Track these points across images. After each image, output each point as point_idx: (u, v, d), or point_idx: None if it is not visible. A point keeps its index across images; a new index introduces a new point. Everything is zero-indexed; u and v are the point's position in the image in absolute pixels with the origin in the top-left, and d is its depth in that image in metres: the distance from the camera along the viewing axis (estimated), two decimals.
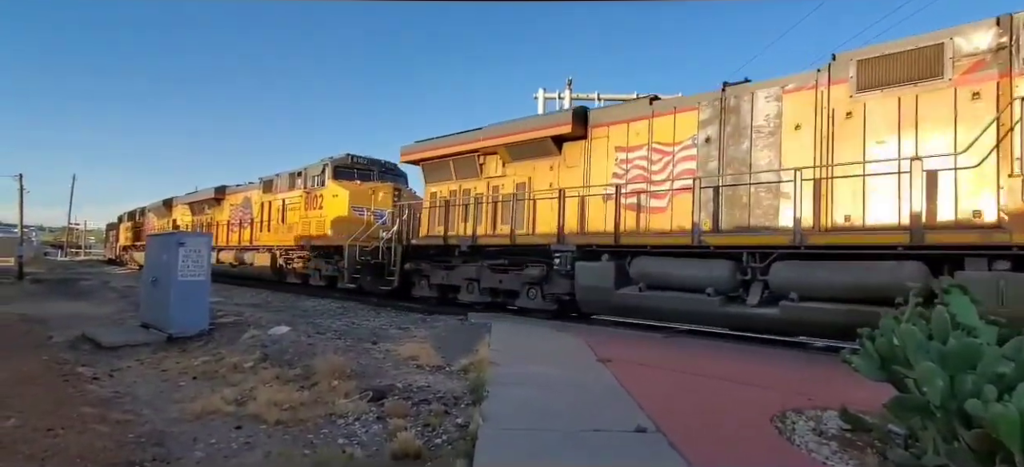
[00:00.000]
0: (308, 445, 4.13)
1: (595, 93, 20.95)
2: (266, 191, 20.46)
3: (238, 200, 22.96)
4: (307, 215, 17.69)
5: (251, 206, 21.57)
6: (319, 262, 17.05)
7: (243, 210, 22.26)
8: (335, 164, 17.08)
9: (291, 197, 18.81)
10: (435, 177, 13.89)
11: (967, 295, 3.42)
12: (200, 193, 26.73)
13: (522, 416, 4.10)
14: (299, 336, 8.23)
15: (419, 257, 13.60)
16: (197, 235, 14.41)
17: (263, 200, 20.51)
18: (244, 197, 22.42)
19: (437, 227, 13.45)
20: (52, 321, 11.07)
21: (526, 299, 11.22)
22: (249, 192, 22.06)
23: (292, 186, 18.95)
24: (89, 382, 6.25)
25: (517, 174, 11.87)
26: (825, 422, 4.06)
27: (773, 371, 6.07)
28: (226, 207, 24.00)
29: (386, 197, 16.56)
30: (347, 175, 17.00)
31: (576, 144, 10.81)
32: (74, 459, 3.66)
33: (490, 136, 12.23)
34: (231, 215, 23.32)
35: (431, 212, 13.89)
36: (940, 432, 3.05)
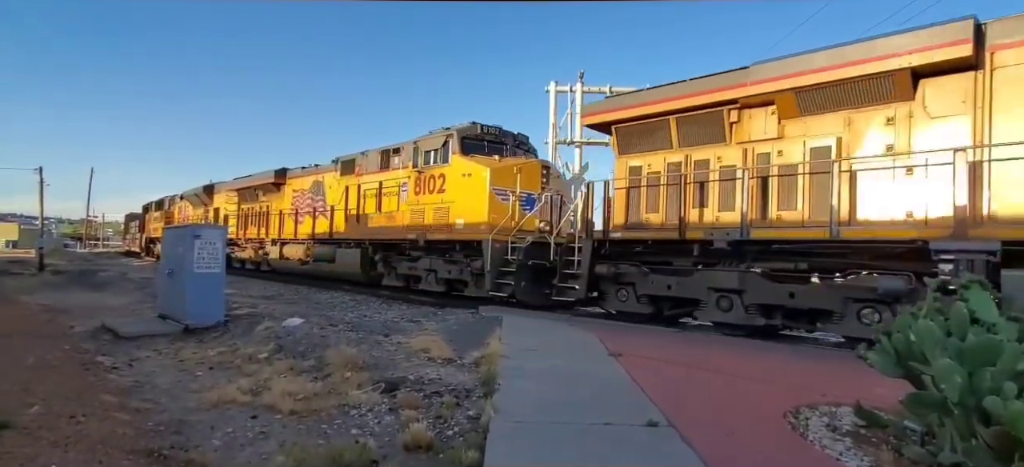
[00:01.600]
0: (322, 435, 4.19)
1: (608, 85, 20.81)
2: (346, 173, 16.73)
3: (305, 185, 19.25)
4: (419, 201, 13.70)
5: (323, 192, 17.90)
6: (434, 261, 13.36)
7: (312, 197, 18.56)
8: (462, 134, 12.93)
9: (390, 179, 14.89)
10: (638, 145, 10.09)
11: (987, 290, 3.36)
12: (254, 177, 22.90)
13: (533, 409, 4.12)
14: (312, 328, 8.32)
15: (617, 256, 9.87)
16: (212, 228, 14.15)
17: (345, 184, 16.63)
18: (314, 181, 18.67)
19: (646, 214, 9.81)
20: (73, 311, 11.31)
21: (857, 325, 7.14)
22: (321, 175, 18.32)
23: (385, 165, 15.19)
24: (109, 371, 6.38)
25: (813, 132, 8.10)
26: (839, 418, 4.03)
27: (787, 367, 6.03)
28: (287, 194, 20.25)
29: (532, 177, 12.45)
30: (476, 148, 12.90)
31: (957, 79, 6.98)
32: (96, 445, 3.75)
33: (762, 79, 8.38)
34: (295, 203, 19.54)
35: (632, 194, 10.04)
36: (957, 429, 3.02)
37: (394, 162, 14.97)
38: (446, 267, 13.04)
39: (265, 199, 22.05)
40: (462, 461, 3.37)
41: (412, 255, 14.15)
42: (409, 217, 13.99)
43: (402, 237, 14.11)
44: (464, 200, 12.43)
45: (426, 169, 13.60)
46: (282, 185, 20.70)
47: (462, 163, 12.67)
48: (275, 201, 21.15)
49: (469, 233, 12.17)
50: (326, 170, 18.11)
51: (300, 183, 19.69)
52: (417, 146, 13.96)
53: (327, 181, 17.86)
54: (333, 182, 17.44)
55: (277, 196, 21.05)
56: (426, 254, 13.64)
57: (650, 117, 9.81)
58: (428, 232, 13.27)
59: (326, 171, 18.09)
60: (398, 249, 14.68)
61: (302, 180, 19.61)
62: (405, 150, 14.54)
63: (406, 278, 14.41)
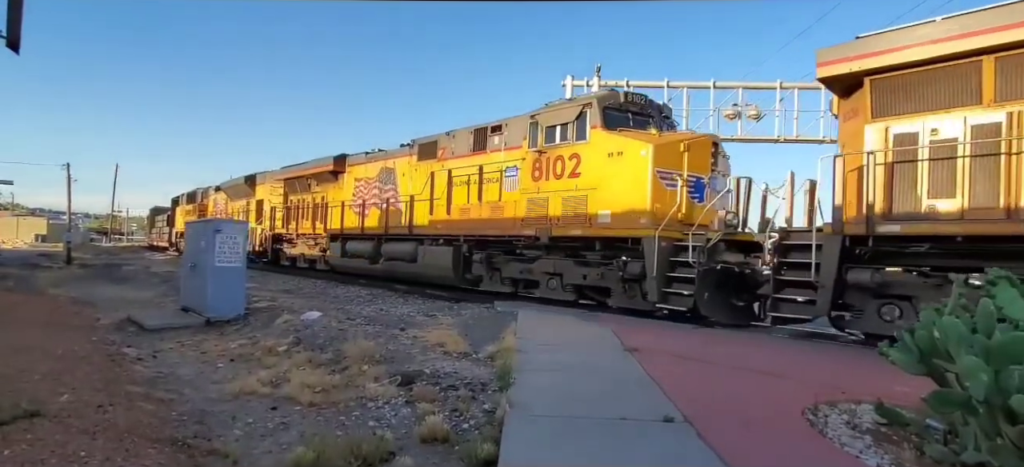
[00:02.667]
0: (340, 427, 4.26)
1: (625, 80, 20.63)
2: (426, 157, 14.53)
3: (370, 172, 16.93)
4: (538, 188, 11.13)
5: (395, 180, 15.71)
6: (560, 262, 10.82)
7: (380, 186, 16.34)
8: (604, 104, 10.41)
9: (491, 162, 12.41)
10: (913, 101, 6.95)
11: (1016, 287, 3.28)
12: (306, 165, 20.43)
13: (549, 403, 4.12)
14: (330, 322, 8.44)
15: (877, 259, 7.19)
16: (233, 222, 14.36)
17: (428, 170, 14.33)
18: (382, 168, 16.38)
19: (930, 199, 6.73)
20: (99, 304, 11.64)
21: None
22: (391, 161, 16.09)
23: (480, 146, 12.79)
24: (134, 362, 6.56)
25: None
26: (859, 416, 3.97)
27: (806, 363, 5.95)
28: (347, 183, 17.94)
29: (701, 155, 9.88)
30: (619, 121, 10.35)
31: None
32: (123, 434, 3.86)
33: None
34: (358, 193, 17.23)
35: (899, 172, 7.02)
36: (982, 428, 2.95)
37: (493, 142, 12.51)
38: (578, 270, 10.50)
39: (320, 189, 19.48)
40: (478, 454, 3.39)
41: (526, 255, 11.68)
42: (523, 208, 11.44)
43: (513, 232, 11.57)
44: (612, 185, 9.80)
45: (550, 148, 10.97)
46: (341, 173, 18.19)
47: (607, 139, 10.02)
48: (332, 191, 18.67)
49: (621, 227, 9.65)
50: (397, 155, 15.91)
51: (364, 170, 17.27)
52: (536, 121, 11.36)
53: (400, 167, 15.53)
54: (408, 168, 15.13)
55: (335, 185, 18.55)
56: (546, 253, 11.14)
57: (944, 60, 6.68)
58: (553, 225, 10.70)
59: (398, 156, 15.84)
60: (506, 247, 12.15)
61: (366, 167, 17.19)
62: (512, 127, 12.09)
63: (515, 282, 12.10)
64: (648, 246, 9.03)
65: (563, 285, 10.79)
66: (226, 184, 28.32)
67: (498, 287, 12.34)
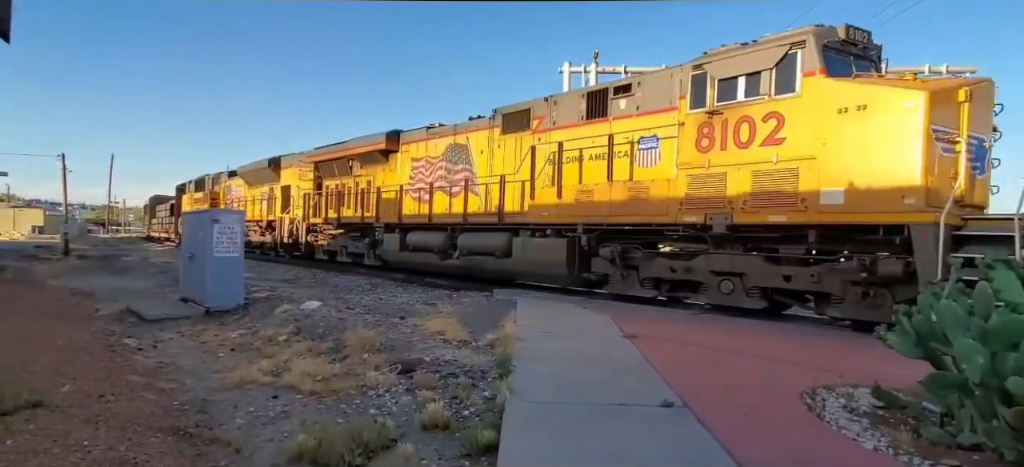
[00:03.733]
0: (341, 415, 4.28)
1: (623, 66, 20.52)
2: (514, 129, 11.98)
3: (433, 150, 14.40)
4: (707, 161, 8.53)
5: (469, 158, 13.19)
6: (739, 258, 8.34)
7: (448, 166, 13.82)
8: (823, 40, 7.59)
9: (625, 130, 9.76)
10: None
11: (1013, 270, 3.29)
12: (348, 145, 17.57)
13: (549, 390, 4.15)
14: (330, 311, 8.46)
15: None
16: (231, 213, 14.26)
17: (521, 144, 11.83)
18: (450, 145, 13.85)
19: None
20: (98, 295, 11.64)
21: None
22: (463, 135, 13.51)
23: (597, 112, 10.31)
24: (135, 352, 6.58)
25: None
26: (856, 399, 4.00)
27: (802, 348, 5.99)
28: (401, 163, 15.45)
29: (985, 108, 7.23)
30: (841, 67, 7.60)
31: None
32: (125, 423, 3.88)
33: None
34: (417, 175, 14.82)
35: None
36: (978, 410, 2.98)
37: (618, 106, 9.93)
38: (773, 270, 7.94)
39: (366, 172, 16.81)
40: (478, 440, 3.42)
41: (683, 250, 9.08)
42: (681, 187, 8.80)
43: (665, 219, 9.04)
44: (846, 153, 7.15)
45: (728, 108, 8.27)
46: (393, 153, 15.70)
47: (836, 89, 7.27)
48: (382, 174, 16.11)
49: (868, 211, 6.98)
50: (470, 128, 13.36)
51: (423, 148, 14.74)
52: (702, 72, 8.61)
53: (475, 143, 13.04)
54: (487, 143, 12.72)
55: (385, 168, 16.02)
56: (716, 246, 8.58)
57: None
58: (736, 210, 8.12)
59: (471, 130, 13.30)
60: (645, 238, 9.66)
61: (427, 144, 14.61)
62: (650, 85, 9.52)
63: (659, 283, 9.57)
64: (921, 236, 6.43)
65: (746, 288, 8.18)
66: (244, 168, 25.18)
67: (634, 289, 9.77)
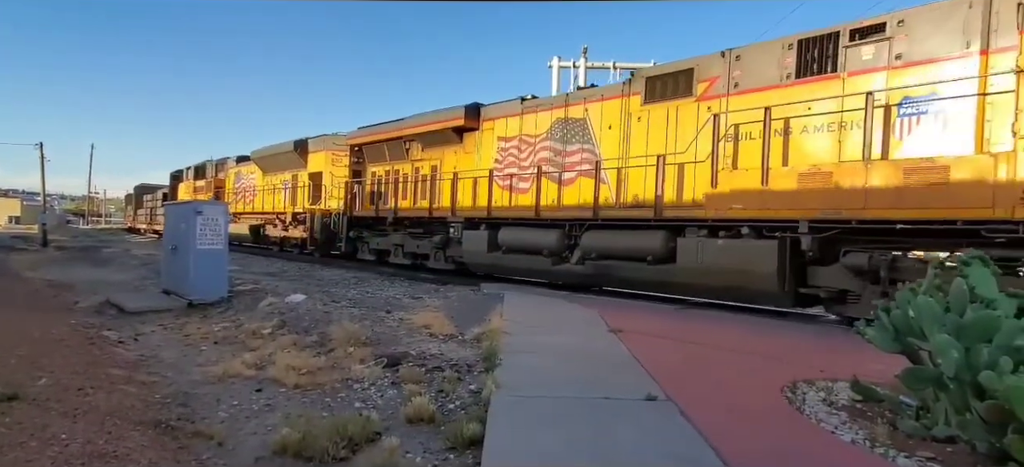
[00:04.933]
0: (326, 408, 4.26)
1: (612, 61, 20.58)
2: (666, 95, 9.39)
3: (531, 127, 11.59)
4: None
5: (589, 134, 10.49)
6: None
7: (557, 145, 11.07)
8: None
9: (878, 85, 6.95)
10: None
11: (988, 267, 3.37)
12: (404, 123, 14.77)
13: (534, 383, 4.17)
14: (315, 304, 8.40)
15: None
16: (214, 204, 14.05)
17: (672, 113, 9.24)
18: (559, 119, 11.06)
19: None
20: (77, 287, 11.42)
21: None
22: (578, 106, 10.79)
23: (819, 66, 7.58)
24: (115, 345, 6.47)
25: None
26: (836, 393, 4.07)
27: (785, 343, 6.08)
28: (484, 143, 12.70)
29: None
30: None
31: None
32: (105, 417, 3.82)
33: None
34: (505, 158, 12.15)
35: None
36: (953, 404, 3.06)
37: (861, 57, 7.15)
38: None
39: (430, 155, 14.17)
40: (464, 434, 3.42)
41: None
42: (1011, 167, 5.70)
43: (992, 213, 5.79)
44: None
45: None
46: (472, 131, 12.96)
47: None
48: (454, 157, 13.41)
49: None
50: (588, 98, 10.81)
51: (516, 125, 11.95)
52: None
53: (598, 116, 10.38)
54: (617, 116, 10.05)
55: (458, 149, 13.33)
56: None
57: None
58: None
59: (589, 100, 10.69)
60: (930, 240, 6.57)
61: (522, 120, 11.82)
62: (929, 21, 6.67)
63: None
64: None
65: None
66: (260, 153, 21.98)
67: None
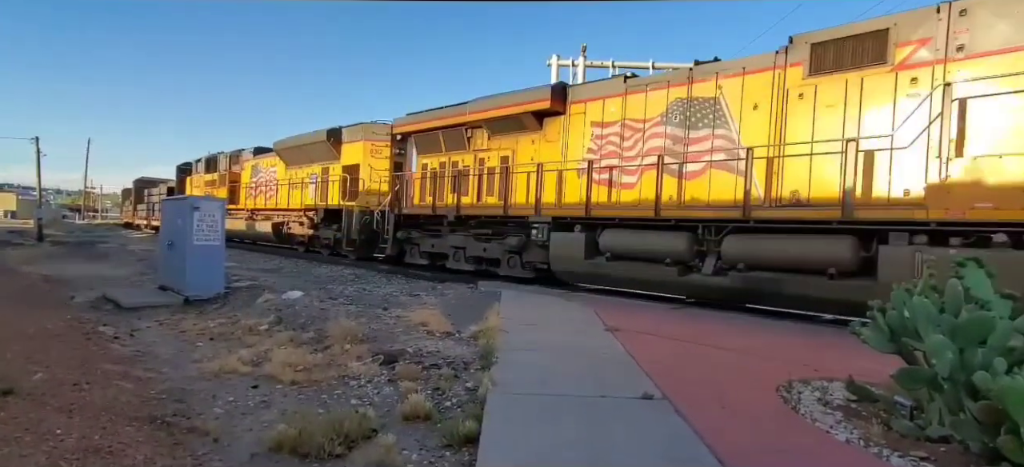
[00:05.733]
0: (322, 405, 4.26)
1: (611, 60, 20.58)
2: (842, 65, 7.48)
3: (638, 109, 9.78)
4: None
5: (724, 116, 8.69)
6: None
7: (671, 130, 9.28)
8: None
9: None
10: None
11: (983, 268, 3.39)
12: (468, 107, 12.85)
13: (531, 381, 4.18)
14: (312, 301, 8.39)
15: None
16: (210, 200, 14.01)
17: (852, 87, 7.39)
18: (677, 100, 9.24)
19: None
20: (73, 282, 11.37)
21: None
22: (706, 82, 8.93)
23: None
24: (111, 341, 6.45)
25: None
26: (831, 393, 4.09)
27: (780, 343, 6.10)
28: (572, 129, 10.80)
29: None
30: None
31: None
32: (100, 412, 3.81)
33: None
34: (603, 147, 10.26)
35: None
36: (946, 404, 3.07)
37: None
38: None
39: (500, 144, 12.28)
40: (460, 431, 3.43)
41: None
42: None
43: None
44: None
45: None
46: (556, 116, 11.11)
47: None
48: (532, 146, 11.58)
49: None
50: (721, 73, 8.75)
51: (616, 107, 10.09)
52: None
53: (737, 94, 8.50)
54: (765, 92, 8.19)
55: (539, 137, 11.44)
56: None
57: None
58: None
59: (723, 74, 8.72)
60: None
61: (626, 101, 9.96)
62: None
63: None
64: None
65: None
66: (283, 144, 20.28)
67: None
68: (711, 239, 8.75)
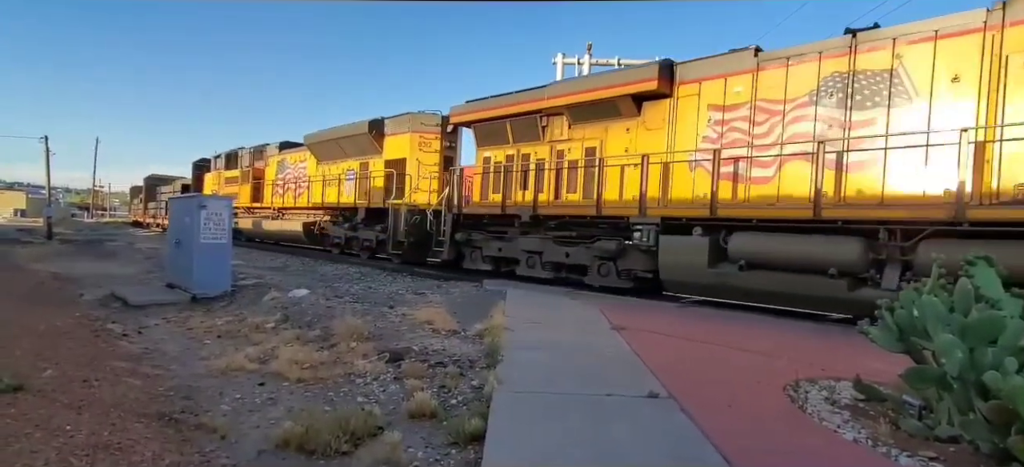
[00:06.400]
0: (328, 402, 4.27)
1: (616, 58, 20.53)
2: None
3: (774, 87, 8.34)
4: None
5: (907, 88, 7.17)
6: None
7: (826, 112, 7.81)
8: None
9: None
10: None
11: (994, 267, 3.36)
12: (545, 91, 11.34)
13: (536, 380, 4.17)
14: (318, 299, 8.42)
15: None
16: (218, 199, 13.95)
17: None
18: (833, 74, 7.76)
19: None
20: (82, 280, 11.46)
21: None
22: (878, 49, 7.40)
23: None
24: (119, 338, 6.50)
25: None
26: (838, 392, 4.07)
27: (788, 342, 6.06)
28: (682, 114, 9.40)
29: None
30: None
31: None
32: (109, 408, 3.84)
33: None
34: (724, 131, 8.86)
35: None
36: (956, 404, 3.05)
37: None
38: None
39: (580, 134, 10.73)
40: (465, 429, 3.43)
41: None
42: None
43: None
44: None
45: None
46: (660, 99, 9.60)
47: None
48: (622, 134, 10.06)
49: None
50: (894, 39, 7.33)
51: (742, 87, 8.67)
52: None
53: (917, 64, 7.13)
54: (970, 59, 6.78)
55: (633, 124, 9.92)
56: None
57: None
58: None
59: (900, 40, 7.29)
60: None
61: (757, 78, 8.52)
62: None
63: None
64: None
65: None
66: (314, 138, 18.66)
67: None
68: (896, 245, 7.09)
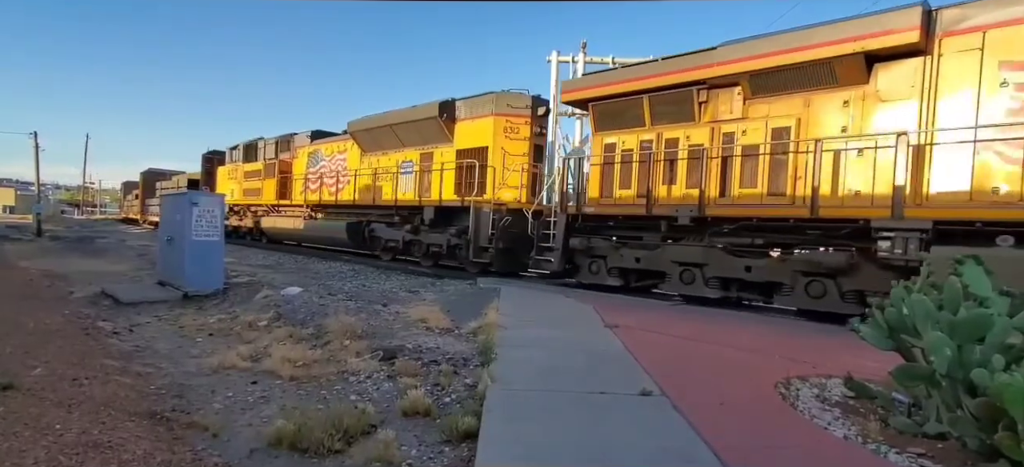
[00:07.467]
0: (321, 401, 4.26)
1: (610, 56, 20.55)
2: None
3: None
4: None
5: None
6: None
7: None
8: None
9: None
10: None
11: (982, 266, 3.40)
12: (699, 57, 9.08)
13: (530, 377, 4.18)
14: (311, 297, 8.38)
15: None
16: (210, 195, 13.77)
17: None
18: None
19: None
20: (72, 277, 11.35)
21: None
22: None
23: None
24: (110, 336, 6.44)
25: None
26: (829, 390, 4.10)
27: (780, 340, 6.11)
28: (939, 82, 6.88)
29: None
30: None
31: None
32: (99, 407, 3.81)
33: None
34: None
35: None
36: (944, 401, 3.08)
37: None
38: None
39: (759, 110, 8.53)
40: (459, 427, 3.43)
41: None
42: None
43: None
44: None
45: None
46: (904, 59, 7.16)
47: None
48: (840, 108, 7.70)
49: None
50: None
51: None
52: None
53: None
54: None
55: (853, 95, 7.57)
56: None
57: None
58: None
59: None
60: None
61: None
62: None
63: None
64: None
65: None
66: (360, 124, 16.13)
67: None
68: None
